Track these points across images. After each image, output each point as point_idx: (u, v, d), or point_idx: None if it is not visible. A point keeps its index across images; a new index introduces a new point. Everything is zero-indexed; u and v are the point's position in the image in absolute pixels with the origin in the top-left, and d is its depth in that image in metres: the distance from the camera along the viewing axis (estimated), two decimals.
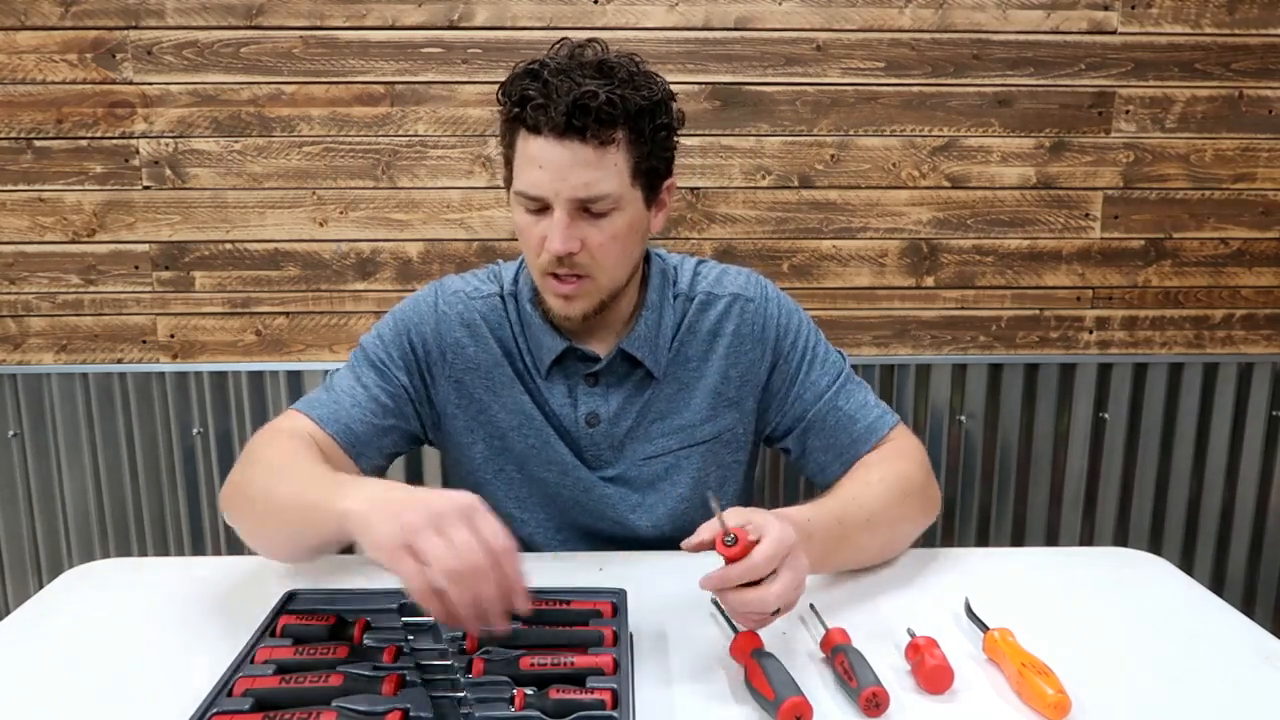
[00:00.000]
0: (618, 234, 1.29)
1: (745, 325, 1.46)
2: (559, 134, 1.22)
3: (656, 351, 1.43)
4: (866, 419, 1.45)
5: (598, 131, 1.22)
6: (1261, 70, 2.28)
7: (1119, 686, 1.04)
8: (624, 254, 1.33)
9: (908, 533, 1.37)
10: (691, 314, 1.45)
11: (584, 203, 1.26)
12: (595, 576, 1.30)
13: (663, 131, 1.30)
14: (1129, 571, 1.38)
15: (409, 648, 1.01)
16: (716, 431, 1.47)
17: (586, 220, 1.27)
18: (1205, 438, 2.44)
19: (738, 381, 1.46)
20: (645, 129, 1.27)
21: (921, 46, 2.24)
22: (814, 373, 1.47)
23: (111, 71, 2.18)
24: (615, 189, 1.26)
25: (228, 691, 0.93)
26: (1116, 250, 2.36)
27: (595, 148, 1.23)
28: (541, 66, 1.24)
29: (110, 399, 2.31)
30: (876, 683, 0.99)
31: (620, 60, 1.27)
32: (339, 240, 2.28)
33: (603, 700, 0.92)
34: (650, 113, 1.27)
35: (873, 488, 1.33)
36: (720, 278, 1.49)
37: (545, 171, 1.24)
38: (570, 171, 1.24)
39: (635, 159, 1.28)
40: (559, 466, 1.44)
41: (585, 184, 1.24)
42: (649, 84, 1.27)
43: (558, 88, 1.21)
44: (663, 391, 1.45)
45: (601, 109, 1.21)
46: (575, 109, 1.20)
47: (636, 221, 1.32)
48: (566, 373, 1.44)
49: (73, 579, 1.34)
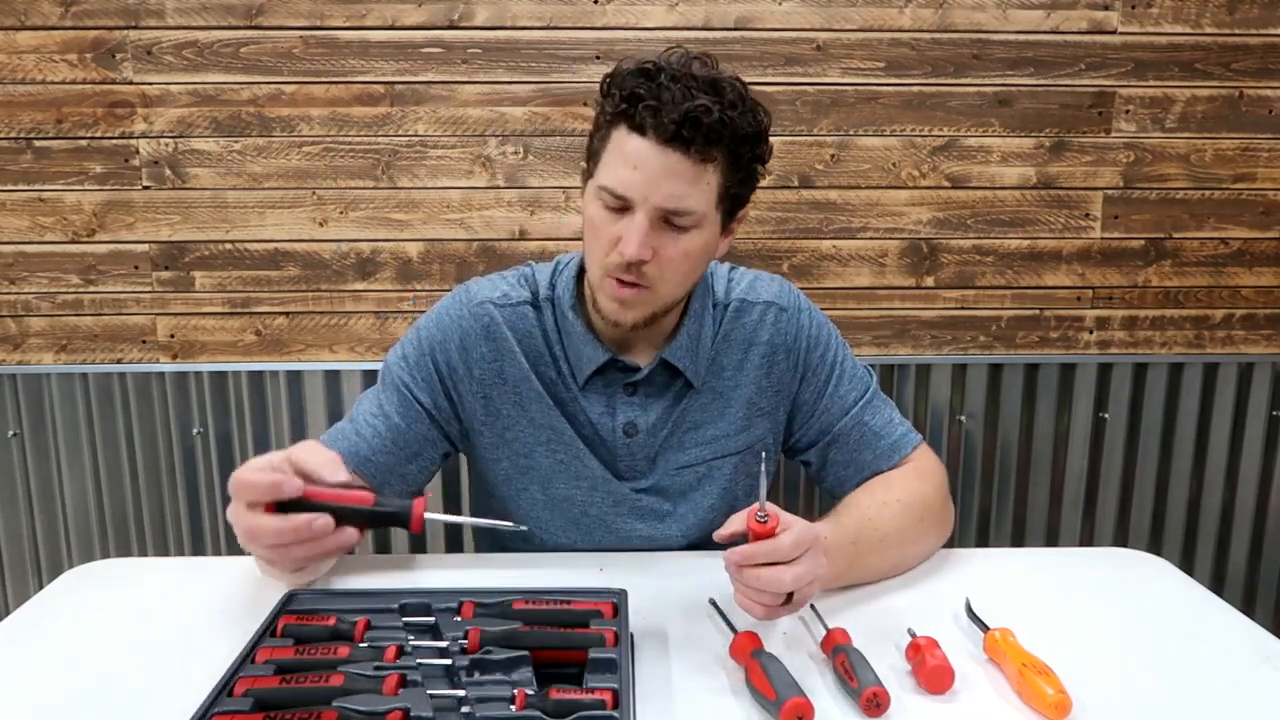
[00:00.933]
0: (691, 251, 1.27)
1: (779, 335, 1.44)
2: (664, 140, 1.20)
3: (697, 361, 1.41)
4: (891, 436, 1.45)
5: (702, 147, 1.20)
6: (1261, 70, 2.28)
7: (1119, 686, 1.04)
8: (690, 272, 1.31)
9: (919, 554, 1.37)
10: (727, 321, 1.44)
11: (668, 214, 1.23)
12: (596, 577, 1.30)
13: (758, 161, 1.29)
14: (1129, 572, 1.38)
15: (410, 647, 1.02)
16: (749, 442, 1.46)
17: (665, 231, 1.25)
18: (1205, 438, 2.44)
19: (771, 392, 1.45)
20: (744, 155, 1.25)
21: (921, 46, 2.25)
22: (842, 387, 1.46)
23: (111, 71, 2.18)
24: (701, 207, 1.24)
25: (228, 691, 0.93)
26: (1116, 250, 2.36)
27: (695, 162, 1.21)
28: (657, 69, 1.21)
29: (110, 399, 2.31)
30: (877, 683, 0.99)
31: (729, 82, 1.24)
32: (339, 240, 2.28)
33: (603, 700, 0.92)
34: (752, 141, 1.25)
35: (889, 508, 1.33)
36: (754, 284, 1.48)
37: (639, 173, 1.22)
38: (664, 180, 1.21)
39: (726, 183, 1.26)
40: (589, 481, 1.42)
41: (676, 195, 1.22)
42: (755, 112, 1.25)
43: (673, 94, 1.19)
44: (698, 401, 1.43)
45: (712, 126, 1.19)
46: (687, 120, 1.18)
47: (710, 243, 1.30)
48: (605, 382, 1.41)
49: (72, 579, 1.34)
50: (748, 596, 1.08)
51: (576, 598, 1.13)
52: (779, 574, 1.05)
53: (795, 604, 1.08)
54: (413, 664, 0.98)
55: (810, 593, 1.09)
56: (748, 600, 1.08)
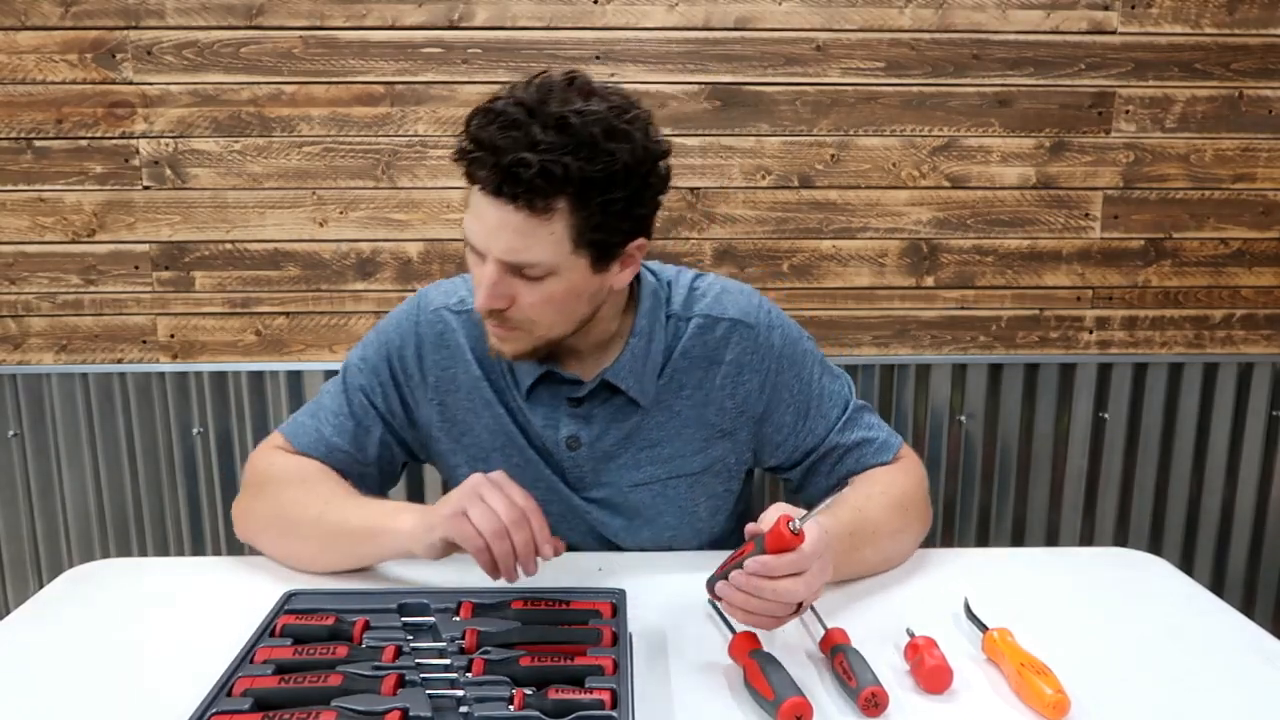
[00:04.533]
0: (552, 298, 1.20)
1: (745, 354, 1.38)
2: (493, 194, 1.13)
3: (643, 380, 1.36)
4: (873, 445, 1.43)
5: (530, 201, 1.12)
6: (1261, 70, 2.28)
7: (1118, 686, 1.04)
8: (560, 314, 1.24)
9: (907, 546, 1.37)
10: (687, 338, 1.38)
11: (512, 266, 1.18)
12: (595, 577, 1.30)
13: (619, 204, 1.17)
14: (1128, 571, 1.38)
15: (409, 647, 1.02)
16: (708, 463, 1.42)
17: (519, 279, 1.19)
18: (1205, 438, 2.44)
19: (734, 412, 1.40)
20: (593, 200, 1.15)
21: (921, 46, 2.24)
22: (823, 407, 1.42)
23: (111, 71, 2.18)
24: (548, 258, 1.17)
25: (227, 691, 0.93)
26: (1116, 250, 2.36)
27: (527, 216, 1.13)
28: (496, 114, 1.13)
29: (110, 399, 2.31)
30: (876, 683, 0.99)
31: (594, 114, 1.14)
32: (339, 240, 2.28)
33: (602, 700, 0.92)
34: (601, 185, 1.14)
35: (875, 500, 1.32)
36: (720, 297, 1.41)
37: (480, 225, 1.17)
38: (500, 234, 1.15)
39: (579, 230, 1.16)
40: (545, 484, 1.39)
41: (513, 249, 1.16)
42: (611, 150, 1.14)
43: (499, 145, 1.11)
44: (652, 419, 1.38)
45: (534, 180, 1.10)
46: (507, 174, 1.11)
47: (578, 286, 1.22)
48: (550, 394, 1.38)
49: (71, 580, 1.34)
50: (758, 610, 1.04)
51: (575, 597, 1.13)
52: (793, 586, 1.02)
53: (800, 611, 1.07)
54: (411, 664, 0.99)
55: (815, 599, 1.08)
56: (756, 615, 1.05)
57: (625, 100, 1.20)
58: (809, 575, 1.03)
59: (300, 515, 1.30)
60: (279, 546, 1.35)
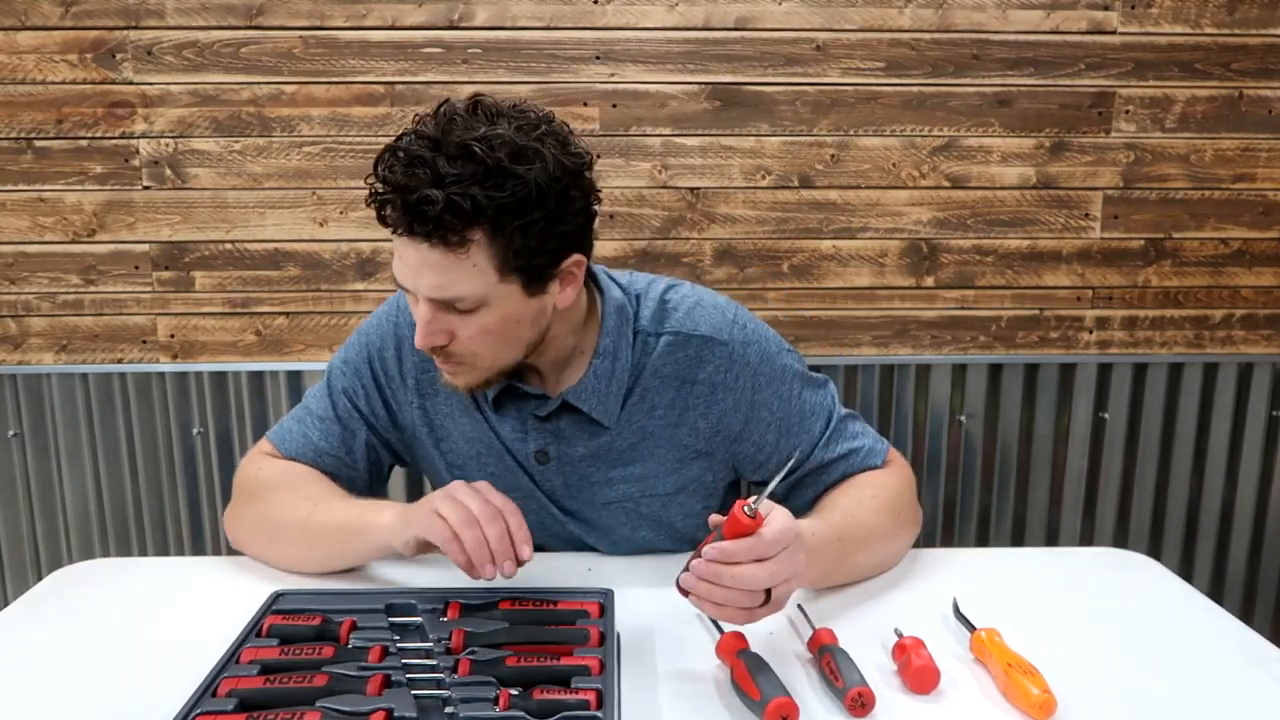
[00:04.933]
0: (488, 329, 1.19)
1: (719, 373, 1.34)
2: (406, 233, 1.12)
3: (607, 401, 1.33)
4: (859, 454, 1.39)
5: (444, 237, 1.10)
6: (1261, 70, 2.27)
7: (1105, 687, 1.04)
8: (502, 343, 1.22)
9: (899, 550, 1.37)
10: (658, 355, 1.34)
11: (442, 301, 1.17)
12: (583, 577, 1.31)
13: (537, 225, 1.14)
14: (1118, 572, 1.38)
15: (395, 648, 1.02)
16: (683, 483, 1.40)
17: (453, 314, 1.18)
18: (1205, 438, 2.43)
19: (708, 432, 1.37)
20: (509, 226, 1.12)
21: (921, 46, 2.24)
22: (805, 422, 1.38)
23: (111, 71, 2.18)
24: (475, 290, 1.15)
25: (212, 692, 0.94)
26: (1116, 250, 2.35)
27: (444, 252, 1.12)
28: (401, 152, 1.12)
29: (110, 399, 2.31)
30: (862, 683, 0.99)
31: (499, 138, 1.11)
32: (339, 240, 2.28)
33: (587, 700, 0.92)
34: (515, 210, 1.12)
35: (866, 505, 1.31)
36: (691, 313, 1.36)
37: (405, 265, 1.16)
38: (422, 272, 1.14)
39: (501, 257, 1.14)
40: (523, 492, 1.37)
41: (438, 285, 1.14)
42: (519, 174, 1.11)
43: (404, 184, 1.10)
44: (622, 438, 1.36)
45: (441, 216, 1.09)
46: (415, 214, 1.10)
47: (515, 313, 1.20)
48: (518, 406, 1.36)
49: (61, 579, 1.34)
50: (721, 600, 1.01)
51: (563, 598, 1.14)
52: (754, 571, 0.99)
53: (774, 604, 1.03)
54: (397, 664, 0.99)
55: (789, 591, 1.05)
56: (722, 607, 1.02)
57: (535, 118, 1.17)
58: (772, 563, 1.00)
59: (288, 518, 1.31)
60: (269, 550, 1.35)
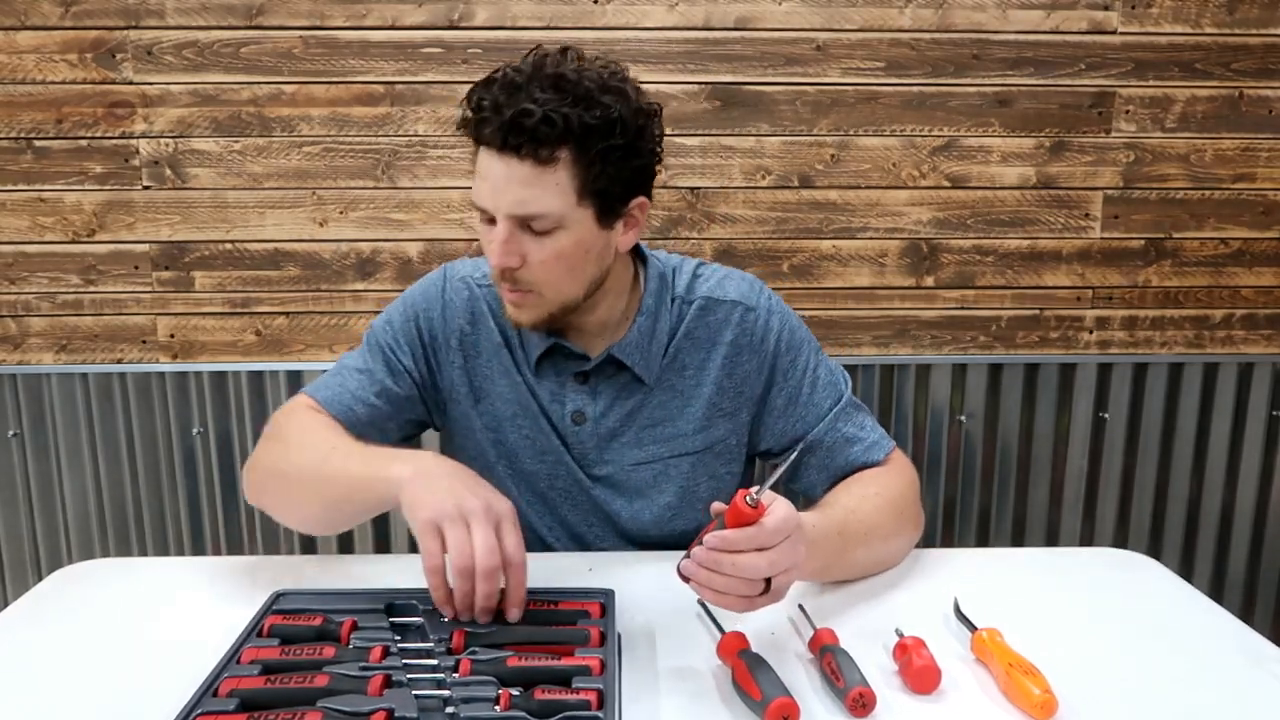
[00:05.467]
0: (561, 253, 1.25)
1: (744, 335, 1.42)
2: (499, 148, 1.20)
3: (649, 358, 1.40)
4: (864, 443, 1.43)
5: (534, 150, 1.18)
6: (1261, 70, 2.27)
7: (1106, 687, 1.04)
8: (570, 273, 1.28)
9: (900, 549, 1.37)
10: (690, 319, 1.42)
11: (521, 220, 1.23)
12: (584, 577, 1.30)
13: (617, 152, 1.23)
14: (1119, 572, 1.37)
15: (396, 648, 1.02)
16: (709, 442, 1.44)
17: (529, 236, 1.24)
18: (1205, 438, 2.43)
19: (733, 392, 1.43)
20: (593, 148, 1.21)
21: (921, 46, 2.24)
22: (816, 394, 1.43)
23: (111, 71, 2.18)
24: (555, 209, 1.22)
25: (213, 692, 0.93)
26: (1116, 250, 2.35)
27: (533, 166, 1.19)
28: (491, 80, 1.21)
29: (110, 399, 2.31)
30: (863, 683, 0.99)
31: (588, 73, 1.22)
32: (339, 240, 2.28)
33: (588, 701, 0.92)
34: (601, 132, 1.20)
35: (870, 502, 1.32)
36: (722, 282, 1.45)
37: (487, 184, 1.22)
38: (507, 187, 1.21)
39: (582, 179, 1.22)
40: (554, 457, 1.42)
41: (520, 201, 1.21)
42: (607, 102, 1.21)
43: (502, 102, 1.18)
44: (655, 398, 1.42)
45: (537, 128, 1.17)
46: (511, 126, 1.17)
47: (586, 241, 1.27)
48: (557, 369, 1.42)
49: (61, 579, 1.34)
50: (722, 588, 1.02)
51: (564, 598, 1.13)
52: (755, 560, 1.00)
53: (773, 594, 1.04)
54: (398, 664, 0.99)
55: (788, 582, 1.05)
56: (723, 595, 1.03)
57: (616, 66, 1.28)
58: (773, 552, 1.01)
59: (306, 459, 1.28)
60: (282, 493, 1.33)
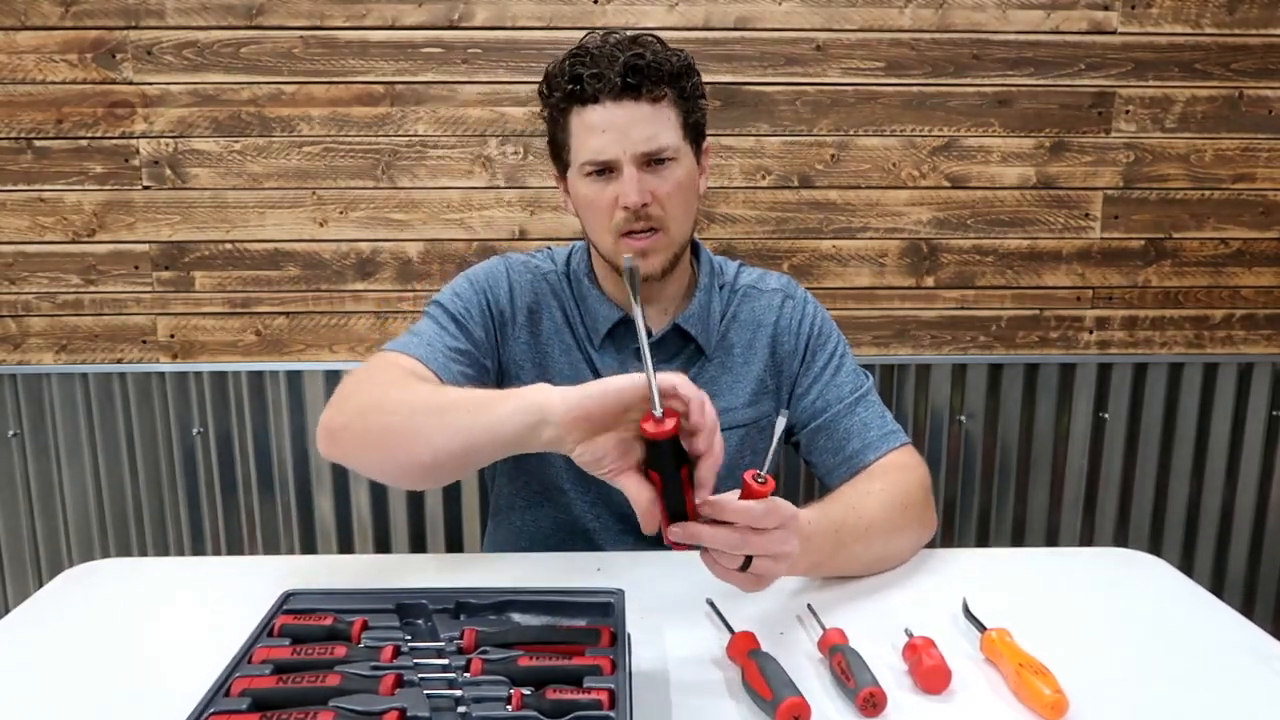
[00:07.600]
0: (681, 183, 1.39)
1: (785, 319, 1.56)
2: (616, 96, 1.34)
3: (708, 330, 1.52)
4: (879, 430, 1.48)
5: (651, 89, 1.34)
6: (1261, 70, 2.28)
7: (1116, 686, 1.04)
8: (686, 205, 1.42)
9: (904, 547, 1.37)
10: (736, 304, 1.56)
11: (649, 156, 1.36)
12: (593, 577, 1.30)
13: (698, 92, 1.43)
14: (1127, 572, 1.38)
15: (407, 647, 1.02)
16: (755, 417, 1.54)
17: (652, 173, 1.37)
18: (1205, 438, 2.44)
19: (774, 371, 1.55)
20: (686, 86, 1.40)
21: (921, 46, 2.24)
22: (839, 377, 1.53)
23: (111, 71, 2.18)
24: (674, 140, 1.38)
25: (225, 691, 0.93)
26: (1116, 250, 2.36)
27: (651, 103, 1.35)
28: (582, 50, 1.37)
29: (110, 399, 2.31)
30: (874, 683, 0.99)
31: (644, 37, 1.39)
32: (339, 240, 2.28)
33: (600, 700, 0.92)
34: (687, 73, 1.40)
35: (873, 497, 1.33)
36: (764, 276, 1.61)
37: (609, 134, 1.35)
38: (633, 128, 1.35)
39: (683, 114, 1.40)
40: None
41: (648, 137, 1.35)
42: (677, 51, 1.40)
43: (605, 58, 1.33)
44: (709, 372, 1.52)
45: (649, 67, 1.34)
46: (629, 70, 1.33)
47: (692, 174, 1.43)
48: (618, 345, 1.52)
49: (69, 580, 1.34)
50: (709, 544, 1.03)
51: (574, 597, 1.13)
52: (741, 537, 1.01)
53: (754, 578, 1.05)
54: (410, 664, 0.98)
55: (773, 570, 1.06)
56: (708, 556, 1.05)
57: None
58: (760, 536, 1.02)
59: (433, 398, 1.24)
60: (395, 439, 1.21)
